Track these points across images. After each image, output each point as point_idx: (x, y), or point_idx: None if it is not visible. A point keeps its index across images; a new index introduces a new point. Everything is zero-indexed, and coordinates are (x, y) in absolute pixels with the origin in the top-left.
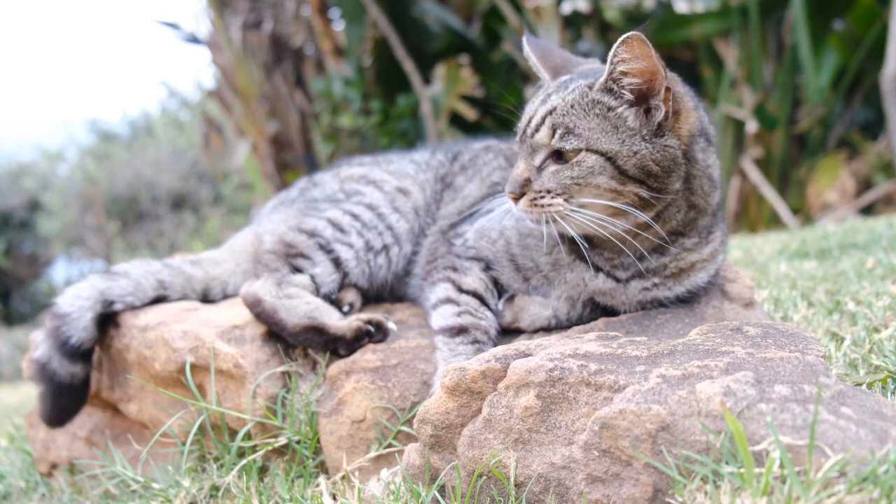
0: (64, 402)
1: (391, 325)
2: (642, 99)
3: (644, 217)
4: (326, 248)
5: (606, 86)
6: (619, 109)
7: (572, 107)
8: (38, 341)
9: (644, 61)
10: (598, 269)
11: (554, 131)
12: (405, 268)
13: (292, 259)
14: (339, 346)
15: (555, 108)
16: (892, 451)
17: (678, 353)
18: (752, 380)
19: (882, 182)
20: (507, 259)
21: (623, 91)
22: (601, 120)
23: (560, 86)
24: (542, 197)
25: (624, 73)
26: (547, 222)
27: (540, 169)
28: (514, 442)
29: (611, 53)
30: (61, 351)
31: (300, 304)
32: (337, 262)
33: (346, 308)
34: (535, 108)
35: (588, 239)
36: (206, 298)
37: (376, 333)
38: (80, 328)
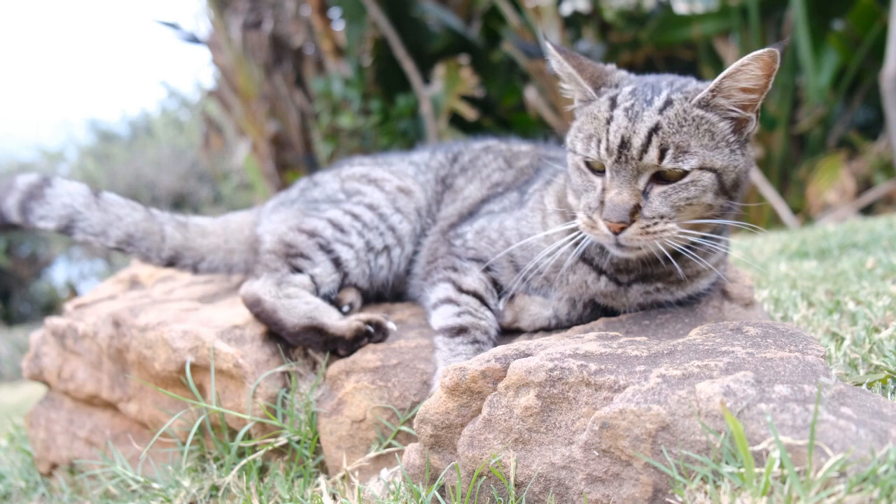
0: None
1: (391, 326)
2: (743, 111)
3: (731, 223)
4: (326, 249)
5: (713, 101)
6: (722, 124)
7: (679, 124)
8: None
9: (767, 78)
10: (601, 271)
11: (663, 151)
12: (406, 268)
13: (292, 259)
14: (338, 346)
15: (659, 126)
16: (892, 450)
17: (678, 353)
18: (752, 380)
19: (882, 182)
20: (507, 260)
21: (731, 107)
22: (710, 136)
23: (640, 98)
24: (656, 223)
25: (743, 90)
26: (639, 248)
27: (645, 193)
28: (514, 442)
29: (733, 68)
30: None
31: (300, 305)
32: (337, 263)
33: (345, 308)
34: (624, 124)
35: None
36: (171, 264)
37: (376, 333)
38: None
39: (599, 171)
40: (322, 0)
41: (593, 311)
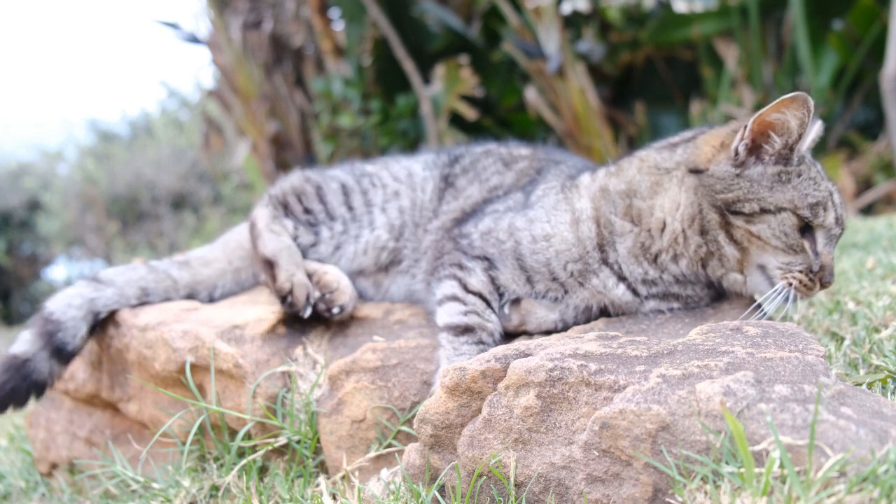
0: (25, 395)
1: (336, 311)
2: None
3: None
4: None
5: None
6: None
7: None
8: (22, 338)
9: None
10: (622, 278)
11: None
12: (389, 259)
13: (289, 206)
14: (274, 290)
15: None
16: (892, 450)
17: (678, 353)
18: (752, 379)
19: (882, 182)
20: (514, 258)
21: None
22: None
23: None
24: None
25: None
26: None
27: None
28: (514, 442)
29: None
30: (56, 355)
31: (276, 241)
32: (313, 225)
33: (335, 310)
34: (840, 199)
35: (654, 255)
36: (192, 300)
37: (318, 304)
38: (78, 337)
39: (800, 232)
40: (322, 0)
41: (600, 315)
